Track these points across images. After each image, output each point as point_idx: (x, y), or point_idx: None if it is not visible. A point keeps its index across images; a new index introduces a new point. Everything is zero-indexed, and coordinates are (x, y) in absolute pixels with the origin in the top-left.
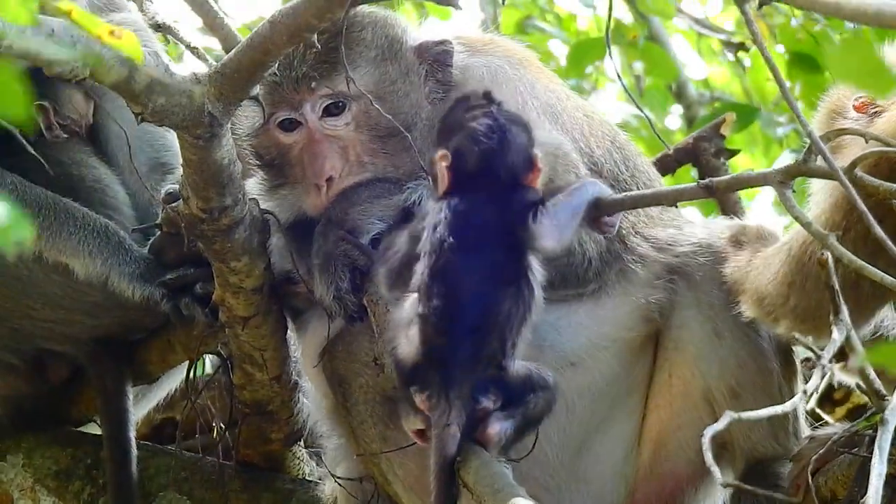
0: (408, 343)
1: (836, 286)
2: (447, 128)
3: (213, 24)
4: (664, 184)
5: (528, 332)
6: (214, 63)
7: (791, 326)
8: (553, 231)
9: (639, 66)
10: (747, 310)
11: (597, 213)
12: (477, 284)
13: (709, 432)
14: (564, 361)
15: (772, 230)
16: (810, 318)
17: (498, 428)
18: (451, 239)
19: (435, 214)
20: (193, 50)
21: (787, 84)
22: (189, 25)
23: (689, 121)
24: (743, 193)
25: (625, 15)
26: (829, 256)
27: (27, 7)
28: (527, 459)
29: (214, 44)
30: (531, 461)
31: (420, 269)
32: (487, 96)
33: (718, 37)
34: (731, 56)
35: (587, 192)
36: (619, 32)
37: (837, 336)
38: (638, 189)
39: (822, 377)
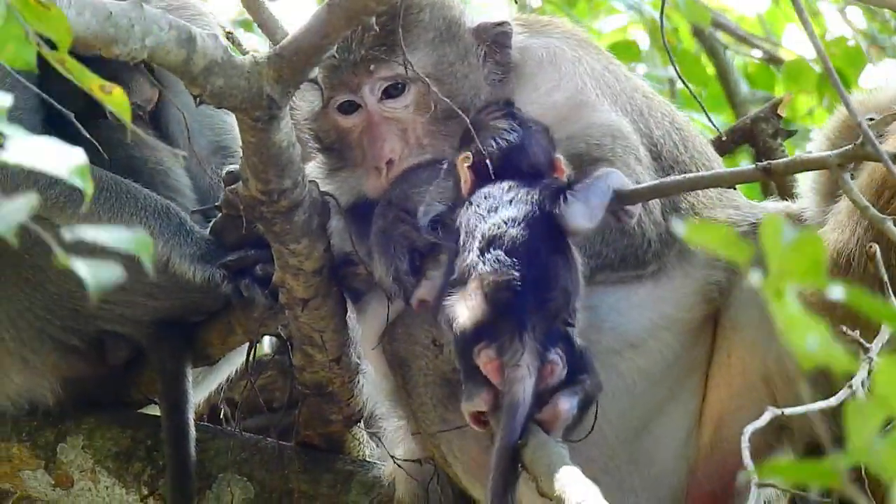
0: (469, 308)
1: (885, 277)
2: (468, 132)
3: (251, 6)
4: (722, 165)
5: (580, 305)
6: (249, 49)
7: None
8: (584, 211)
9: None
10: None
11: (618, 203)
12: (528, 252)
13: (748, 430)
14: (625, 343)
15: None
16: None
17: (568, 405)
18: (490, 219)
19: (465, 210)
20: (228, 35)
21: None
22: (224, 10)
23: None
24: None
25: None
26: (877, 249)
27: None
28: (586, 441)
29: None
30: (590, 443)
31: (465, 256)
32: (508, 103)
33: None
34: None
35: (611, 179)
36: (655, 37)
37: (886, 328)
38: (697, 170)
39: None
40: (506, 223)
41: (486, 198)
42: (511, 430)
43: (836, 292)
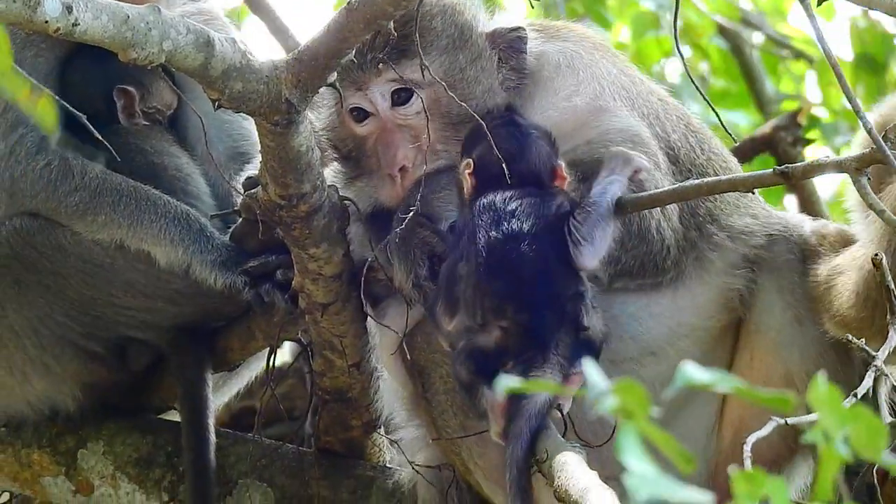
0: (486, 333)
1: (892, 286)
2: (471, 139)
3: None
4: (740, 168)
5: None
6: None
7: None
8: (592, 252)
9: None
10: (833, 331)
11: (622, 211)
12: (533, 263)
13: (751, 439)
14: (645, 351)
15: (852, 234)
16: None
17: None
18: (492, 231)
19: (466, 218)
20: None
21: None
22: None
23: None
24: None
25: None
26: (883, 256)
27: None
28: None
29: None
30: (609, 442)
31: (467, 270)
32: (510, 108)
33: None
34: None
35: (612, 190)
36: (686, 32)
37: (893, 337)
38: (714, 172)
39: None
40: (508, 235)
41: (488, 206)
42: (524, 433)
43: (724, 385)
